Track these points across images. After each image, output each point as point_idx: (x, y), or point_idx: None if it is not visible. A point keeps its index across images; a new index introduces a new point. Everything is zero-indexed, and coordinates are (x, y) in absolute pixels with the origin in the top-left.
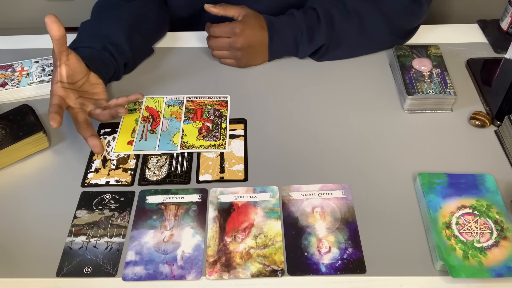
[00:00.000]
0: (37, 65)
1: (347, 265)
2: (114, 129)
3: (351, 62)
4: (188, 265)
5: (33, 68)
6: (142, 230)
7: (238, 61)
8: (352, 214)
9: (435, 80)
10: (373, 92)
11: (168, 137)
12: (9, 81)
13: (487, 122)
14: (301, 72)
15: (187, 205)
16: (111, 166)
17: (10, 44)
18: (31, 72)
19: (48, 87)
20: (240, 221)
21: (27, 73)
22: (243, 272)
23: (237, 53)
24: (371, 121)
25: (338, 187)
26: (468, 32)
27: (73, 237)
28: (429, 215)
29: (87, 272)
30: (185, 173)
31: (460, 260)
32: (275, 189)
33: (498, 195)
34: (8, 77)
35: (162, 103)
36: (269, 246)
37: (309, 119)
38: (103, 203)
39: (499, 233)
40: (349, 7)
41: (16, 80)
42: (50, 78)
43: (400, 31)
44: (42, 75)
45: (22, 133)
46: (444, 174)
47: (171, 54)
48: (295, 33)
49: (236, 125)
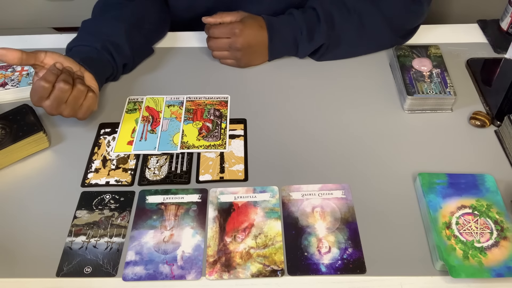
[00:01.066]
0: None
1: (347, 265)
2: (114, 129)
3: (351, 62)
4: (188, 265)
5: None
6: (142, 230)
7: (238, 61)
8: (352, 214)
9: (435, 80)
10: (373, 92)
11: (168, 137)
12: (9, 81)
13: (487, 122)
14: (301, 72)
15: (187, 205)
16: (111, 166)
17: (10, 44)
18: (31, 72)
19: None
20: (240, 221)
21: (27, 73)
22: (243, 272)
23: (237, 53)
24: (371, 121)
25: (338, 187)
26: (468, 32)
27: (73, 237)
28: (429, 215)
29: (87, 272)
30: (185, 173)
31: (460, 260)
32: (275, 189)
33: (498, 195)
34: (8, 77)
35: (162, 103)
36: (269, 246)
37: (309, 119)
38: (103, 203)
39: (499, 233)
40: (349, 6)
41: (16, 80)
42: None
43: (400, 31)
44: None
45: (22, 133)
46: (444, 174)
47: (171, 54)
48: (295, 33)
49: (236, 125)
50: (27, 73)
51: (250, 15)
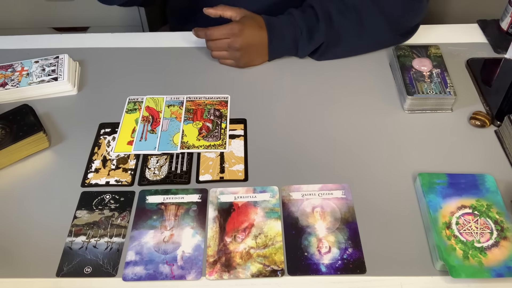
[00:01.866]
0: (37, 65)
1: (347, 265)
2: (114, 129)
3: (351, 62)
4: (188, 265)
5: (33, 68)
6: (142, 230)
7: (238, 61)
8: (352, 214)
9: (435, 80)
10: (373, 92)
11: (168, 137)
12: (9, 81)
13: (487, 122)
14: (301, 72)
15: (187, 205)
16: (111, 166)
17: (10, 44)
18: (31, 72)
19: (48, 87)
20: (240, 221)
21: (27, 73)
22: (243, 272)
23: (236, 53)
24: (371, 121)
25: (338, 187)
26: (468, 32)
27: (73, 237)
28: (429, 215)
29: (87, 272)
30: (185, 173)
31: (460, 260)
32: (275, 189)
33: (498, 195)
34: (8, 77)
35: (162, 103)
36: (269, 246)
37: (309, 119)
38: (103, 203)
39: (499, 233)
40: (348, 4)
41: (16, 80)
42: (50, 78)
43: (400, 29)
44: (42, 75)
45: (22, 133)
46: (444, 174)
47: (171, 54)
48: (295, 33)
49: (236, 125)
50: (27, 73)
51: (250, 14)
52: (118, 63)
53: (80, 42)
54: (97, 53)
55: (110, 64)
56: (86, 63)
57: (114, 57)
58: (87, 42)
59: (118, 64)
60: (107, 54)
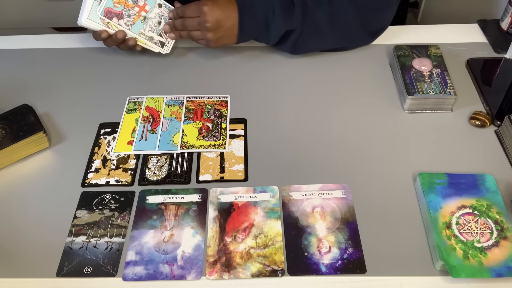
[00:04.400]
0: (157, 12)
1: (347, 265)
2: (114, 129)
3: (351, 62)
4: (188, 265)
5: (152, 13)
6: (142, 230)
7: (208, 41)
8: (352, 214)
9: (435, 80)
10: (373, 92)
11: (168, 137)
12: (126, 16)
13: (487, 122)
14: (301, 72)
15: (187, 205)
16: (111, 166)
17: (10, 44)
18: (148, 18)
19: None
20: (240, 221)
21: (144, 17)
22: (243, 272)
23: (206, 33)
24: (371, 121)
25: (338, 187)
26: (468, 32)
27: (73, 237)
28: (429, 215)
29: (87, 272)
30: (185, 173)
31: (460, 260)
32: (275, 189)
33: (498, 195)
34: (127, 10)
35: (162, 103)
36: (269, 246)
37: (309, 119)
38: (103, 203)
39: (499, 233)
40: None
41: (132, 20)
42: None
43: (369, 26)
44: (155, 30)
45: (22, 133)
46: (444, 174)
47: (171, 54)
48: (267, 11)
49: (236, 125)
50: (144, 17)
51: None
52: (118, 63)
53: (80, 42)
54: (97, 53)
55: (110, 64)
56: (86, 63)
57: (114, 57)
58: (87, 42)
59: (118, 64)
60: (107, 54)
